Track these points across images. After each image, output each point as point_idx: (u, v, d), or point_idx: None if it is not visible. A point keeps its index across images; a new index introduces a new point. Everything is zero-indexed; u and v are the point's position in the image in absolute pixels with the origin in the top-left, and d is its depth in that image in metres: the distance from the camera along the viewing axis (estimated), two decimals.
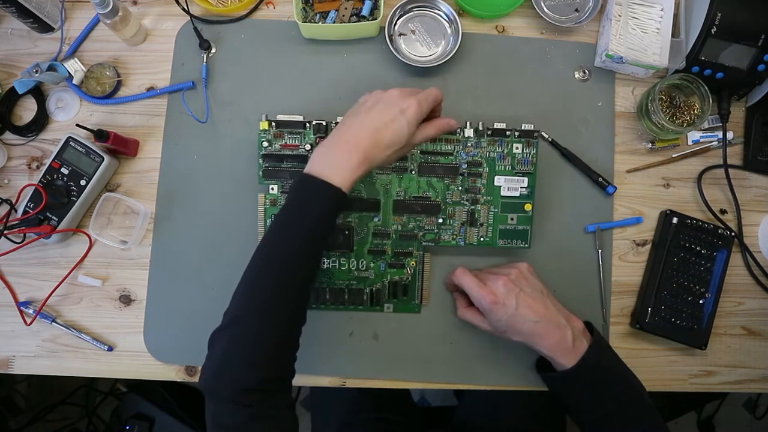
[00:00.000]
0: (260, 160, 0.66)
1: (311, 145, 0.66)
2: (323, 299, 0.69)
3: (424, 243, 0.68)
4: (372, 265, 0.68)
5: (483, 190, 0.68)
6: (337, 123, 0.64)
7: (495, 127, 0.66)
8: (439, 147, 0.67)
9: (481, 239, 0.68)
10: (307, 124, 0.66)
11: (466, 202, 0.68)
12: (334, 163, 0.54)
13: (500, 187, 0.67)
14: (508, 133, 0.66)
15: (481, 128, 0.66)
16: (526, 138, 0.67)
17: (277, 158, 0.66)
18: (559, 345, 0.61)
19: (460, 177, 0.67)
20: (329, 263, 0.68)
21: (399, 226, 0.68)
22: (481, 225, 0.68)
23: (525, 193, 0.68)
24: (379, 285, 0.69)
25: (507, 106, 0.74)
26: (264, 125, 0.66)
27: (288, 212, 0.56)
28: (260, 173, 0.67)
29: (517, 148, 0.67)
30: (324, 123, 0.65)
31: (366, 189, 0.67)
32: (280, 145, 0.66)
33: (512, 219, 0.68)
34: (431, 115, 0.61)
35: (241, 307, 0.54)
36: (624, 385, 0.62)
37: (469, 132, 0.66)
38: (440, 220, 0.68)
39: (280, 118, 0.66)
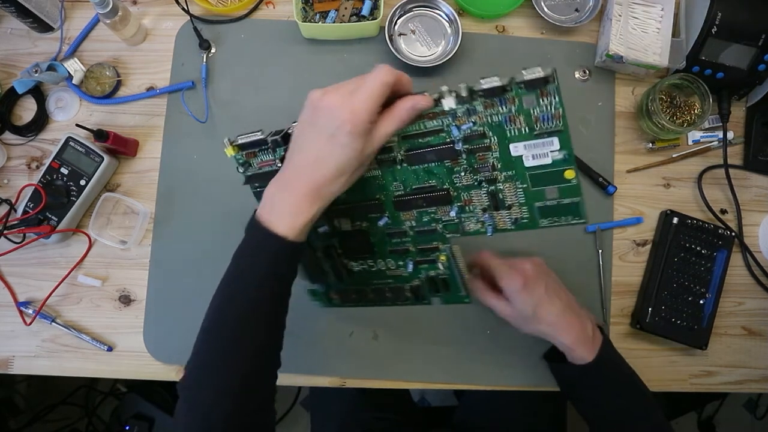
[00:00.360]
0: (248, 185, 0.59)
1: (280, 160, 0.56)
2: (368, 299, 0.65)
3: (448, 235, 0.58)
4: (400, 264, 0.62)
5: (499, 165, 0.53)
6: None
7: (484, 86, 0.48)
8: (422, 126, 0.52)
9: (515, 223, 0.56)
10: (267, 142, 0.55)
11: (485, 184, 0.54)
12: (281, 209, 0.48)
13: (521, 156, 0.52)
14: (508, 88, 0.48)
15: (465, 93, 0.49)
16: (536, 88, 0.48)
17: (262, 177, 0.57)
18: (581, 337, 0.60)
19: (464, 156, 0.53)
20: (359, 266, 0.63)
21: (412, 222, 0.58)
22: (510, 207, 0.55)
23: (560, 157, 0.51)
24: (417, 281, 0.63)
25: None
26: (230, 151, 0.57)
27: (239, 263, 0.51)
28: (255, 194, 0.60)
29: (529, 103, 0.49)
30: (279, 138, 0.54)
31: (359, 189, 0.56)
32: (258, 165, 0.57)
33: (552, 193, 0.53)
34: (400, 92, 0.49)
35: (196, 370, 0.50)
36: (632, 382, 0.63)
37: (449, 102, 0.49)
38: (453, 212, 0.56)
39: (241, 141, 0.56)
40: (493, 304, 0.63)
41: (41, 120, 0.73)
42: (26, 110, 0.74)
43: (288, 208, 0.48)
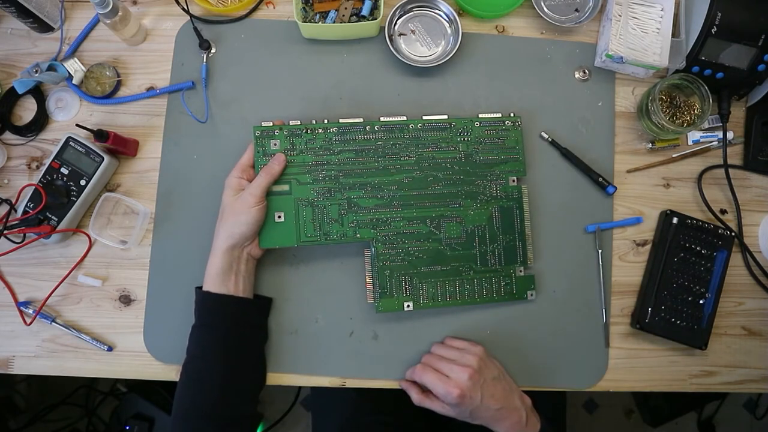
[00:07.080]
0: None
1: None
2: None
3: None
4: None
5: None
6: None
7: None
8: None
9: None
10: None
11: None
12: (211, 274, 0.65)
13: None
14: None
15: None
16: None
17: None
18: (515, 427, 0.64)
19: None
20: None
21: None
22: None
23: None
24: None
25: (507, 106, 0.74)
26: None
27: (201, 333, 0.65)
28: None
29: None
30: None
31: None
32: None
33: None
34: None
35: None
36: None
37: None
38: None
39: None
40: (431, 406, 0.65)
41: (41, 120, 0.73)
42: (26, 110, 0.74)
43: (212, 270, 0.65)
